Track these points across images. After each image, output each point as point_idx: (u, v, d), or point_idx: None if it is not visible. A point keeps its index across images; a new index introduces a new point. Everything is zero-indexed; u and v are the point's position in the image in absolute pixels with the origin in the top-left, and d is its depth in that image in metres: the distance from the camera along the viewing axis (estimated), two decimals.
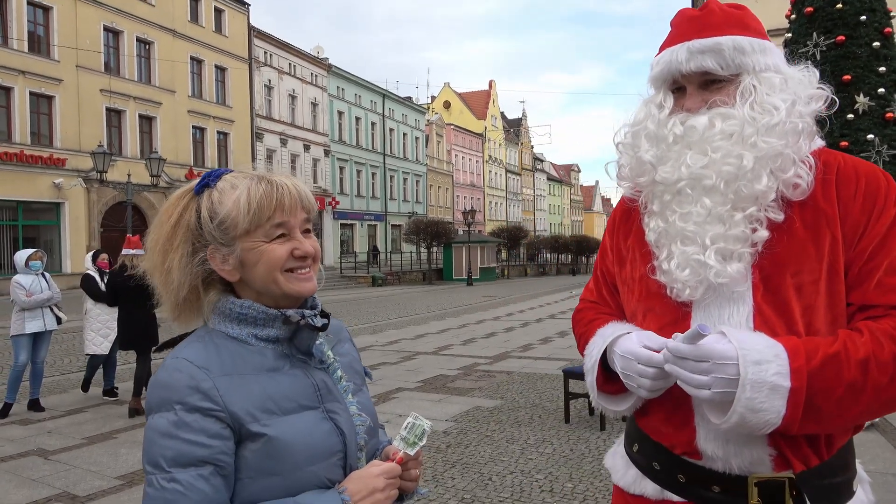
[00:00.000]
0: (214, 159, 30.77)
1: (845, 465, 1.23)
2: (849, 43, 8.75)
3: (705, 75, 1.26)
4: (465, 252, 37.94)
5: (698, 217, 1.22)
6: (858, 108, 8.56)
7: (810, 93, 1.26)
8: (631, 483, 1.37)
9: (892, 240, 1.17)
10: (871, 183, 1.20)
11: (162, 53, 27.88)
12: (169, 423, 1.01)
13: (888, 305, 1.14)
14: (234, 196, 1.11)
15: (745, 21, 1.28)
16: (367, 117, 43.88)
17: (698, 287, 1.21)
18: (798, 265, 1.18)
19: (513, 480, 4.44)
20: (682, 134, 1.24)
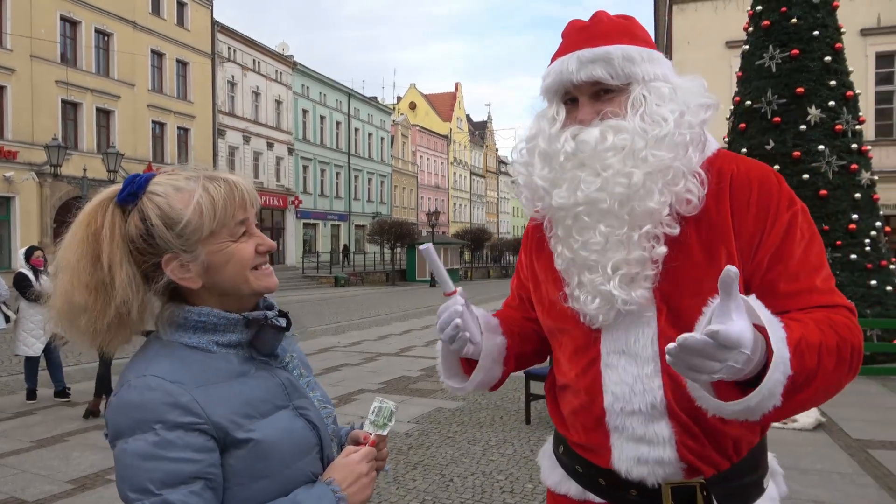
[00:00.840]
0: (174, 155, 30.11)
1: (755, 465, 1.27)
2: (802, 56, 9.07)
3: (596, 85, 1.24)
4: None
5: (597, 245, 1.21)
6: (810, 120, 8.87)
7: (700, 102, 1.25)
8: (557, 483, 1.42)
9: (788, 246, 1.17)
10: (763, 189, 1.20)
11: (121, 45, 27.16)
12: (150, 445, 0.96)
13: (801, 309, 1.14)
14: (188, 199, 1.04)
15: (633, 30, 1.28)
16: (332, 116, 43.52)
17: (609, 314, 1.22)
18: (696, 285, 1.17)
19: (474, 481, 4.47)
20: (573, 151, 1.23)
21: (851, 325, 1.12)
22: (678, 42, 22.07)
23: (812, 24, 9.12)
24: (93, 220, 1.07)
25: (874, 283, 8.47)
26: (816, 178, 8.72)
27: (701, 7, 21.65)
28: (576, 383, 1.31)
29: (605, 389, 1.25)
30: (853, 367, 1.11)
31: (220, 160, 32.77)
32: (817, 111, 8.86)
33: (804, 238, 1.19)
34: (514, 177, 1.39)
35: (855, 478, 4.42)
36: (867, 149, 9.23)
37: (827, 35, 9.16)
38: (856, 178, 8.82)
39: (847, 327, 1.11)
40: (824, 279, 1.17)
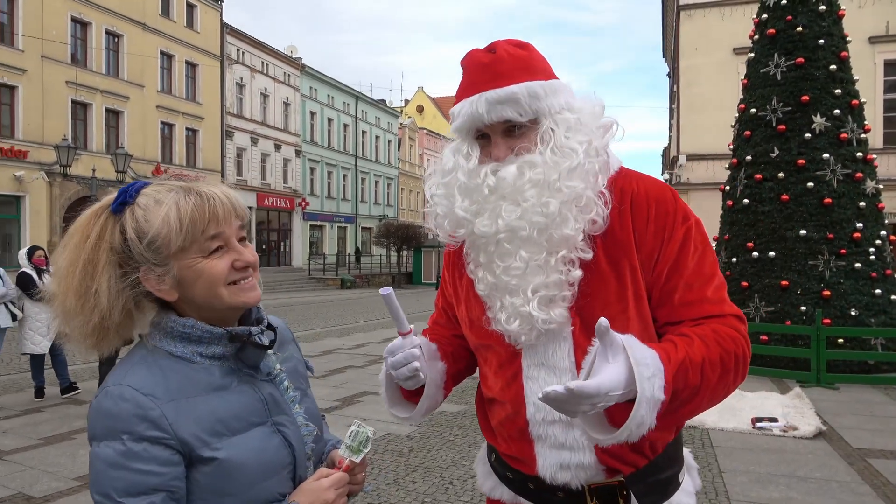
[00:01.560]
0: (183, 156, 30.31)
1: (671, 461, 1.35)
2: (808, 65, 9.09)
3: (507, 123, 1.29)
4: (435, 256, 37.99)
5: (517, 270, 1.27)
6: (815, 128, 8.89)
7: (601, 123, 1.33)
8: (491, 489, 1.49)
9: (683, 259, 1.26)
10: (660, 206, 1.29)
11: (131, 47, 27.38)
12: (116, 454, 0.99)
13: (693, 319, 1.24)
14: (161, 213, 1.06)
15: (533, 64, 1.31)
16: (339, 119, 43.69)
17: (530, 333, 1.28)
18: (605, 299, 1.26)
19: (473, 484, 4.51)
20: (495, 185, 1.28)
21: (737, 335, 1.22)
22: (686, 48, 22.09)
23: (818, 32, 9.14)
24: (86, 227, 1.10)
25: (879, 292, 8.46)
26: (821, 187, 8.73)
27: (709, 13, 21.65)
28: (501, 396, 1.37)
29: (528, 401, 1.32)
30: (739, 374, 1.24)
31: (227, 162, 32.97)
32: (822, 119, 8.87)
33: (697, 250, 1.28)
34: (431, 208, 1.42)
35: (854, 486, 4.44)
36: (872, 157, 9.23)
37: (832, 44, 9.18)
38: (861, 186, 8.82)
39: (732, 338, 1.21)
40: (715, 288, 1.27)
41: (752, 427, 5.84)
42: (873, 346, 8.28)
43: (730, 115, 10.84)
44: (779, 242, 8.82)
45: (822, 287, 8.48)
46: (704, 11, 21.69)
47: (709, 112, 20.45)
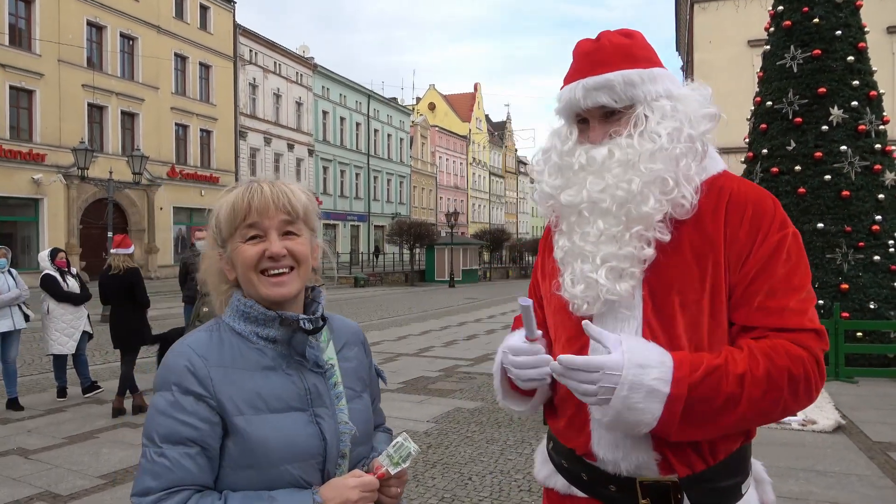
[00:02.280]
0: (197, 157, 30.58)
1: (733, 471, 1.30)
2: (824, 56, 8.98)
3: (603, 108, 1.35)
4: (448, 254, 38.03)
5: (594, 237, 1.32)
6: (833, 121, 8.79)
7: (702, 113, 1.35)
8: (546, 477, 1.49)
9: (773, 265, 1.25)
10: (758, 210, 1.29)
11: (146, 49, 27.66)
12: (166, 403, 1.10)
13: (767, 327, 1.23)
14: (223, 200, 1.22)
15: (635, 52, 1.36)
16: (351, 118, 43.84)
17: (595, 302, 1.30)
18: (682, 284, 1.27)
19: (492, 480, 4.54)
20: (585, 163, 1.35)
21: (804, 354, 1.20)
22: (700, 41, 21.94)
23: (834, 23, 9.04)
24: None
25: None
26: (838, 179, 8.65)
27: (722, 6, 21.48)
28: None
29: None
30: (797, 394, 1.20)
31: (241, 162, 33.20)
32: (839, 111, 8.77)
33: (790, 260, 1.26)
34: (533, 181, 1.53)
35: (874, 480, 4.41)
36: (891, 149, 9.12)
37: (850, 34, 9.07)
38: (879, 178, 8.72)
39: (792, 356, 1.19)
40: (800, 301, 1.25)
41: None
42: (893, 340, 8.20)
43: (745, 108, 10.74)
44: None
45: (840, 280, 8.40)
46: (718, 4, 21.52)
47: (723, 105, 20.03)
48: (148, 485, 1.07)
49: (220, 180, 31.64)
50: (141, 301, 6.64)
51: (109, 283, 6.51)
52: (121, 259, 6.56)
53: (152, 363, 8.58)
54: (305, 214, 1.23)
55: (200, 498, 1.08)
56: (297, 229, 1.21)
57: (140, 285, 6.61)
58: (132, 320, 6.56)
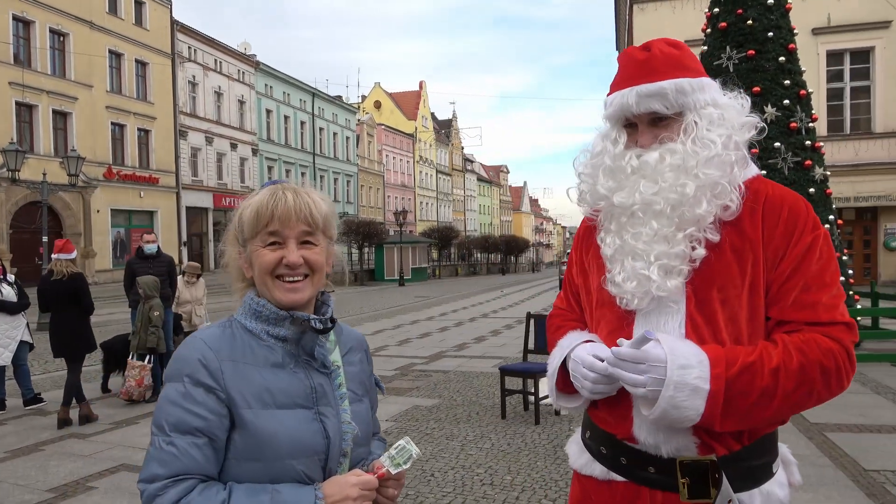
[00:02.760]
0: (135, 157, 29.54)
1: (765, 450, 1.40)
2: (758, 57, 9.40)
3: (653, 114, 1.42)
4: (397, 252, 37.95)
5: (647, 237, 1.39)
6: (766, 118, 9.20)
7: (743, 121, 1.44)
8: (583, 465, 1.55)
9: (807, 263, 1.35)
10: (793, 212, 1.39)
11: (78, 46, 26.53)
12: (177, 393, 1.14)
13: (801, 321, 1.32)
14: (249, 202, 1.27)
15: (684, 62, 1.44)
16: (296, 116, 43.16)
17: (644, 298, 1.38)
18: (723, 281, 1.36)
19: (454, 475, 4.60)
20: (637, 167, 1.42)
21: (835, 346, 1.30)
22: (639, 40, 22.50)
23: (767, 25, 9.47)
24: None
25: None
26: (773, 175, 9.06)
27: (661, 7, 22.13)
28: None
29: None
30: (832, 384, 1.30)
31: (182, 162, 32.26)
32: (773, 109, 9.20)
33: (822, 258, 1.36)
34: (578, 183, 1.59)
35: (813, 459, 4.68)
36: (820, 145, 9.63)
37: (781, 36, 9.52)
38: (810, 173, 9.19)
39: (824, 350, 1.29)
40: (832, 296, 1.35)
41: None
42: None
43: None
44: None
45: None
46: (656, 5, 22.17)
47: None
48: (155, 471, 1.10)
49: (160, 181, 30.67)
50: (86, 307, 6.40)
51: (52, 290, 6.24)
52: (63, 264, 6.30)
53: (96, 371, 8.29)
54: (325, 224, 1.27)
55: (205, 488, 1.11)
56: (315, 239, 1.26)
57: (85, 291, 6.37)
58: (77, 327, 6.32)
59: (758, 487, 1.37)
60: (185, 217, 32.26)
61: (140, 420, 6.41)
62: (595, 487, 1.51)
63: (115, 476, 4.77)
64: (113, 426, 6.19)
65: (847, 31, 20.50)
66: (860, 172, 20.25)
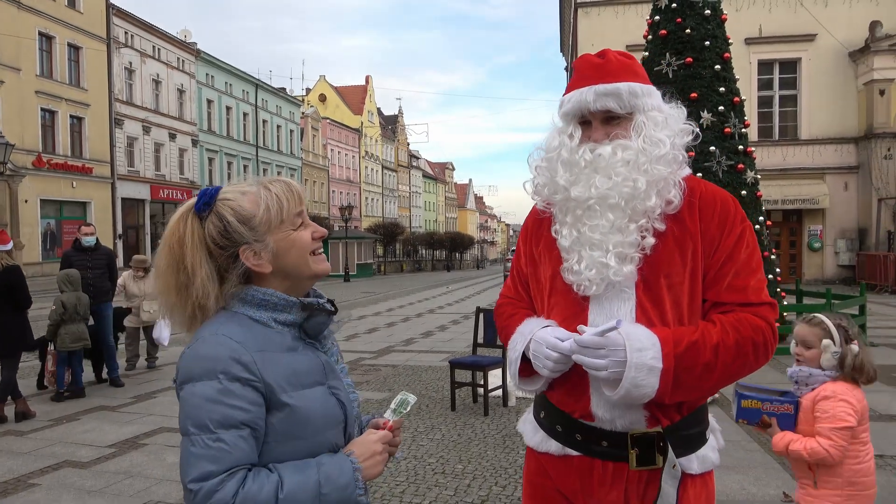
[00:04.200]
0: (67, 145, 28.26)
1: (699, 420, 1.60)
2: (696, 64, 9.84)
3: (607, 113, 1.57)
4: (343, 248, 37.66)
5: (603, 228, 1.54)
6: (703, 123, 9.64)
7: (681, 127, 1.61)
8: (539, 443, 1.69)
9: (737, 252, 1.54)
10: (724, 207, 1.57)
11: (4, 27, 25.14)
12: (214, 391, 1.16)
13: (734, 303, 1.52)
14: (254, 199, 1.28)
15: (635, 69, 1.61)
16: (238, 107, 42.16)
17: (602, 284, 1.53)
18: (668, 269, 1.53)
19: (407, 465, 4.70)
20: (591, 160, 1.56)
21: (762, 324, 1.49)
22: (583, 43, 23.08)
23: (703, 34, 9.92)
24: (176, 230, 1.28)
25: None
26: (708, 177, 9.49)
27: (604, 11, 22.74)
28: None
29: None
30: (760, 357, 1.50)
31: (118, 151, 31.07)
32: (709, 115, 9.65)
33: (749, 247, 1.56)
34: (534, 177, 1.70)
35: (744, 444, 5.00)
36: (751, 150, 10.17)
37: (717, 45, 9.99)
38: (742, 176, 9.70)
39: (754, 326, 1.48)
40: (758, 280, 1.55)
41: None
42: None
43: None
44: None
45: None
46: (599, 10, 22.77)
47: None
48: (208, 469, 1.13)
49: (94, 171, 29.45)
50: (23, 301, 6.17)
51: None
52: (3, 256, 6.06)
53: (34, 367, 7.99)
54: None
55: (255, 474, 1.17)
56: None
57: (22, 284, 6.12)
58: (13, 323, 6.08)
59: (695, 453, 1.56)
60: (120, 209, 31.09)
61: (81, 416, 6.24)
62: (551, 462, 1.65)
63: (59, 472, 4.66)
64: (52, 423, 6.00)
65: (777, 42, 21.62)
66: (787, 177, 21.41)
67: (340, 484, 1.21)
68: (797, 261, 22.69)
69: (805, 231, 22.48)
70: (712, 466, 1.60)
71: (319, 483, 1.19)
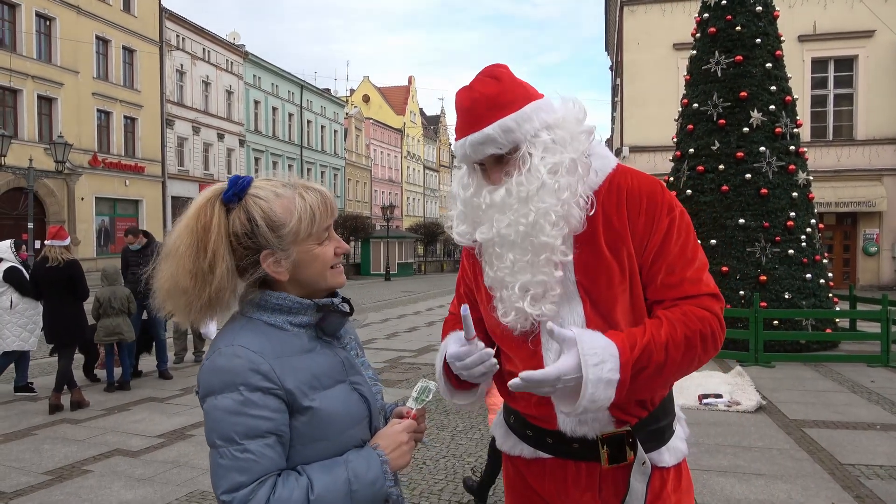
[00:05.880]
0: (121, 145, 29.26)
1: (666, 413, 1.57)
2: (746, 63, 9.61)
3: (493, 155, 1.49)
4: (384, 247, 37.98)
5: (507, 269, 1.49)
6: (753, 123, 9.42)
7: (580, 130, 1.50)
8: (511, 447, 1.69)
9: (666, 245, 1.47)
10: (651, 200, 1.49)
11: (64, 31, 26.20)
12: (236, 403, 1.15)
13: (673, 298, 1.46)
14: (287, 205, 1.23)
15: (502, 100, 1.47)
16: (284, 108, 42.94)
17: (526, 324, 1.49)
18: (608, 279, 1.47)
19: (446, 464, 4.71)
20: (490, 203, 1.51)
21: (706, 314, 1.43)
22: (628, 42, 22.74)
23: (755, 31, 9.67)
24: (202, 214, 1.23)
25: (809, 277, 9.08)
26: (758, 178, 9.28)
27: (650, 9, 22.33)
28: (524, 366, 1.53)
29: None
30: (708, 349, 1.44)
31: (168, 151, 32.01)
32: (759, 115, 9.41)
33: (680, 237, 1.49)
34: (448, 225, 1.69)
35: (792, 453, 4.85)
36: (803, 150, 9.86)
37: (768, 43, 9.73)
38: (793, 178, 9.41)
39: (700, 318, 1.42)
40: (695, 270, 1.48)
41: (698, 403, 6.24)
42: (804, 327, 8.91)
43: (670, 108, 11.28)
44: (719, 231, 9.34)
45: (759, 272, 9.04)
46: (646, 7, 22.36)
47: (651, 106, 21.14)
48: (238, 480, 1.13)
49: (146, 170, 30.41)
50: (82, 294, 6.43)
51: (48, 277, 6.26)
52: (58, 251, 6.32)
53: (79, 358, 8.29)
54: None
55: (285, 479, 1.17)
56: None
57: (81, 278, 6.39)
58: (71, 314, 6.34)
59: (664, 445, 1.55)
60: (170, 207, 32.03)
61: (131, 407, 6.46)
62: (525, 465, 1.65)
63: (110, 460, 4.83)
64: (105, 412, 6.23)
65: (832, 38, 20.87)
66: (842, 178, 20.65)
67: (369, 479, 1.22)
68: (851, 266, 21.88)
69: (860, 235, 21.65)
70: (683, 456, 1.59)
71: (349, 481, 1.19)
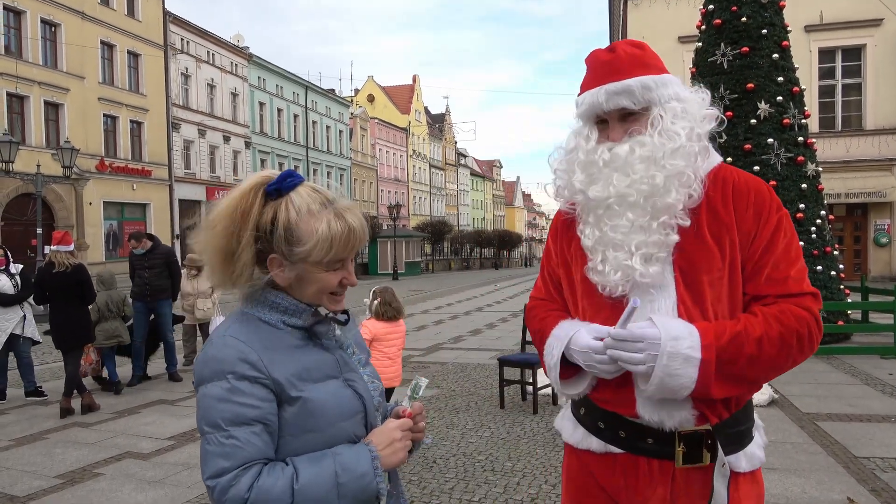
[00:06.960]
0: (128, 149, 29.38)
1: (747, 417, 1.55)
2: (752, 54, 9.51)
3: (622, 110, 1.52)
4: (391, 246, 38.01)
5: (624, 228, 1.49)
6: (760, 114, 9.33)
7: (704, 113, 1.54)
8: (579, 440, 1.65)
9: (775, 242, 1.48)
10: (759, 196, 1.51)
11: (70, 37, 26.31)
12: (223, 390, 1.19)
13: (775, 294, 1.45)
14: (313, 227, 1.23)
15: (647, 61, 1.54)
16: (289, 109, 43.01)
17: (627, 285, 1.48)
18: (708, 264, 1.47)
19: (456, 462, 4.69)
20: (609, 160, 1.51)
21: (805, 314, 1.43)
22: (633, 36, 22.61)
23: (761, 22, 9.58)
24: (245, 199, 1.26)
25: (820, 269, 9.00)
26: (766, 170, 9.19)
27: (654, 2, 22.20)
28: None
29: None
30: (804, 349, 1.44)
31: (175, 154, 32.13)
32: (766, 106, 9.32)
33: (787, 236, 1.50)
34: (554, 179, 1.67)
35: (805, 447, 4.81)
36: (812, 141, 9.76)
37: (774, 33, 9.63)
38: (802, 169, 9.33)
39: (798, 318, 1.42)
40: (798, 270, 1.48)
41: None
42: None
43: None
44: None
45: None
46: (650, 1, 22.25)
47: None
48: (222, 465, 1.16)
49: (153, 173, 30.53)
50: (89, 298, 6.45)
51: (54, 281, 6.28)
52: (63, 256, 6.34)
53: None
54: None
55: (271, 468, 1.19)
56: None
57: (89, 282, 6.41)
58: (78, 318, 6.36)
59: (742, 450, 1.51)
60: (177, 210, 32.15)
61: (141, 409, 6.47)
62: (594, 460, 1.60)
63: (122, 463, 4.84)
64: (115, 415, 6.25)
65: (839, 28, 20.67)
66: (851, 169, 20.47)
67: (358, 472, 1.22)
68: (862, 257, 21.70)
69: (870, 225, 21.46)
70: (760, 464, 1.55)
71: (336, 473, 1.20)
